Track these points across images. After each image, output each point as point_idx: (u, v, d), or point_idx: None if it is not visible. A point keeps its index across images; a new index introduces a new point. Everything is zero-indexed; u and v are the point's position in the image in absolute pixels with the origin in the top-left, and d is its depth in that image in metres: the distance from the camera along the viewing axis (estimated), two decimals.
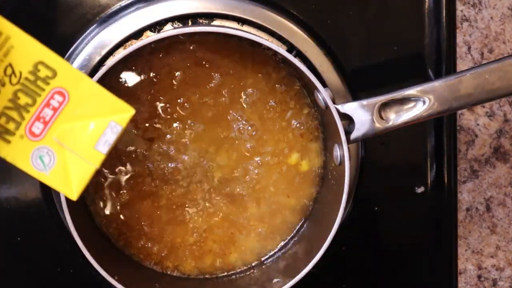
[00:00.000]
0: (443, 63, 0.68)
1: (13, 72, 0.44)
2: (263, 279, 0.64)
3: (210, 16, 0.64)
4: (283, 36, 0.64)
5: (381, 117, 0.58)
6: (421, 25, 0.67)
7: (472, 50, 0.71)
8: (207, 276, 0.65)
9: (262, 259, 0.66)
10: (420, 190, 0.69)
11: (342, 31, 0.67)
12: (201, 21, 0.64)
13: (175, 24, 0.63)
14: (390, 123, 0.58)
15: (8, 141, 0.45)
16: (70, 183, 0.47)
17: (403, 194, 0.69)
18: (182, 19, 0.63)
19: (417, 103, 0.58)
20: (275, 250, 0.66)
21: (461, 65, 0.70)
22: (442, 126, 0.68)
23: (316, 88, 0.58)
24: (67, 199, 0.56)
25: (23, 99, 0.44)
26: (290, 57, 0.58)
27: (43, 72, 0.44)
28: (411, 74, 0.69)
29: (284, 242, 0.66)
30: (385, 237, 0.70)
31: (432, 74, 0.68)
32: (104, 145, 0.46)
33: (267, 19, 0.64)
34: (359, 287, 0.70)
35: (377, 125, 0.58)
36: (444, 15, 0.67)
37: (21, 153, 0.45)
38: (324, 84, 0.64)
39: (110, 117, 0.46)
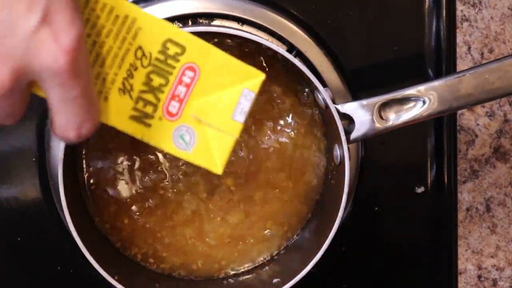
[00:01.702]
0: (443, 63, 0.68)
1: (144, 54, 0.42)
2: (263, 279, 0.64)
3: (210, 16, 0.64)
4: (283, 36, 0.64)
5: (381, 117, 0.58)
6: (421, 25, 0.67)
7: (472, 50, 0.71)
8: (207, 278, 0.65)
9: (262, 259, 0.66)
10: (420, 190, 0.69)
11: (342, 31, 0.67)
12: (201, 21, 0.64)
13: (175, 24, 0.63)
14: (390, 123, 0.58)
15: (149, 125, 0.44)
16: (213, 158, 0.45)
17: (403, 194, 0.69)
18: (182, 19, 0.63)
19: (417, 103, 0.58)
20: (275, 251, 0.66)
21: (461, 65, 0.70)
22: (442, 126, 0.68)
23: (316, 88, 0.58)
24: (67, 199, 0.56)
25: (156, 80, 0.43)
26: (290, 57, 0.58)
27: (172, 50, 0.43)
28: (411, 74, 0.69)
29: (284, 243, 0.66)
30: (385, 237, 0.70)
31: (432, 74, 0.68)
32: (240, 114, 0.45)
33: (267, 19, 0.64)
34: (359, 287, 0.70)
35: (377, 125, 0.58)
36: (444, 15, 0.67)
37: (162, 135, 0.44)
38: (324, 84, 0.64)
39: (242, 85, 0.45)
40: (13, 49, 0.37)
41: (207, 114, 0.45)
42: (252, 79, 0.45)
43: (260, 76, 0.45)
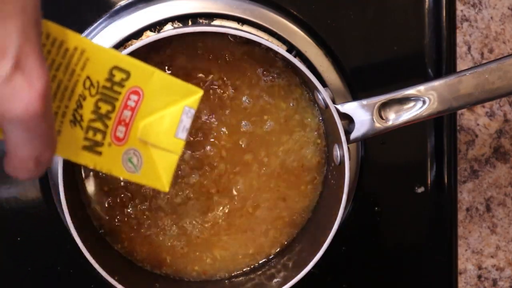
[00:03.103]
0: (443, 63, 0.68)
1: (91, 83, 0.43)
2: (263, 279, 0.64)
3: (210, 16, 0.64)
4: (283, 36, 0.64)
5: (381, 117, 0.58)
6: (421, 25, 0.67)
7: (472, 50, 0.71)
8: (207, 278, 0.65)
9: (262, 260, 0.66)
10: (420, 190, 0.69)
11: (342, 31, 0.67)
12: (201, 21, 0.64)
13: (175, 24, 0.63)
14: (390, 123, 0.58)
15: (100, 153, 0.44)
16: (159, 177, 0.46)
17: (403, 194, 0.69)
18: (182, 19, 0.63)
19: (417, 103, 0.58)
20: (275, 251, 0.66)
21: (461, 65, 0.70)
22: (442, 126, 0.68)
23: (316, 88, 0.58)
24: (67, 199, 0.56)
25: (104, 107, 0.44)
26: (290, 57, 0.58)
27: (118, 76, 0.44)
28: (411, 74, 0.69)
29: (284, 243, 0.66)
30: (385, 237, 0.70)
31: (432, 74, 0.68)
32: (183, 131, 0.46)
33: (267, 19, 0.64)
34: (359, 287, 0.70)
35: (377, 125, 0.58)
36: (444, 15, 0.67)
37: (113, 161, 0.45)
38: (324, 84, 0.64)
39: (183, 103, 0.46)
40: None
41: (152, 135, 0.46)
42: (191, 96, 0.46)
43: (199, 93, 0.46)
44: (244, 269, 0.65)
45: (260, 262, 0.66)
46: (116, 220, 0.64)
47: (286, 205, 0.65)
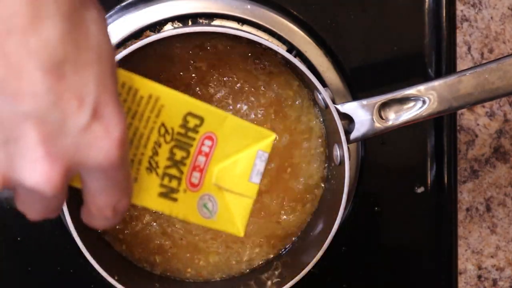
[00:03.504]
0: (443, 63, 0.68)
1: (166, 130, 0.43)
2: (263, 279, 0.64)
3: (210, 16, 0.64)
4: (283, 36, 0.64)
5: (381, 117, 0.58)
6: (421, 25, 0.67)
7: (472, 50, 0.71)
8: (207, 279, 0.65)
9: (262, 260, 0.66)
10: (420, 190, 0.69)
11: (342, 31, 0.67)
12: (201, 21, 0.64)
13: (175, 24, 0.63)
14: (390, 122, 0.58)
15: (175, 199, 0.44)
16: (235, 222, 0.47)
17: (403, 194, 0.69)
18: (182, 19, 0.63)
19: (417, 103, 0.58)
20: (275, 251, 0.66)
21: (461, 65, 0.70)
22: (442, 126, 0.68)
23: (316, 88, 0.58)
24: (67, 199, 0.56)
25: (179, 154, 0.44)
26: (290, 57, 0.58)
27: (192, 122, 0.44)
28: (411, 74, 0.69)
29: (284, 243, 0.66)
30: (385, 237, 0.70)
31: (432, 74, 0.68)
32: (257, 175, 0.46)
33: (267, 19, 0.64)
34: (359, 287, 0.70)
35: (377, 125, 0.58)
36: (444, 15, 0.67)
37: (188, 207, 0.45)
38: (324, 84, 0.64)
39: (256, 147, 0.46)
40: (64, 149, 0.36)
41: (226, 180, 0.46)
42: (264, 139, 0.46)
43: (272, 136, 0.46)
44: (243, 271, 0.65)
45: (260, 262, 0.65)
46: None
47: (287, 206, 0.65)
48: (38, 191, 0.36)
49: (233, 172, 0.46)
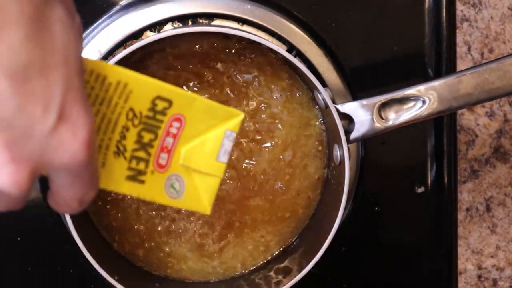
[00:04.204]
0: (443, 63, 0.68)
1: (134, 114, 0.43)
2: (263, 279, 0.64)
3: (210, 16, 0.64)
4: (283, 36, 0.64)
5: (381, 117, 0.58)
6: (421, 25, 0.67)
7: (472, 50, 0.71)
8: (207, 279, 0.65)
9: (262, 260, 0.66)
10: (420, 190, 0.69)
11: (342, 31, 0.67)
12: (201, 21, 0.64)
13: (175, 24, 0.63)
14: (390, 122, 0.58)
15: (143, 181, 0.44)
16: (201, 200, 0.47)
17: (403, 194, 0.69)
18: (182, 19, 0.63)
19: (417, 103, 0.58)
20: (276, 251, 0.66)
21: (461, 65, 0.70)
22: (442, 126, 0.68)
23: (316, 88, 0.58)
24: None
25: (146, 137, 0.44)
26: (290, 57, 0.58)
27: (161, 105, 0.44)
28: (411, 74, 0.69)
29: (285, 243, 0.66)
30: (385, 237, 0.70)
31: (432, 74, 0.68)
32: (224, 154, 0.46)
33: (267, 19, 0.64)
34: (359, 287, 0.70)
35: (377, 124, 0.58)
36: (444, 15, 0.67)
37: (155, 188, 0.45)
38: (324, 84, 0.64)
39: (225, 126, 0.46)
40: (31, 152, 0.36)
41: (194, 159, 0.46)
42: (232, 119, 0.46)
43: (240, 116, 0.46)
44: (244, 271, 0.65)
45: (260, 263, 0.66)
46: (116, 219, 0.64)
47: (287, 206, 0.65)
48: (4, 193, 0.37)
49: (201, 152, 0.46)
